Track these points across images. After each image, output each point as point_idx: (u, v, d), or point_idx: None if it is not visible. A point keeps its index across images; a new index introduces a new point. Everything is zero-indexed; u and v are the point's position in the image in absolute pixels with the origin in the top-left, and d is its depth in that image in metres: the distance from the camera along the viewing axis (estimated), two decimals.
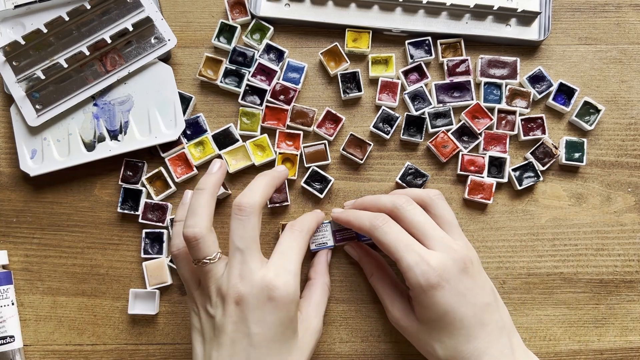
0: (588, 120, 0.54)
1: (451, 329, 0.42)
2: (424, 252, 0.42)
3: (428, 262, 0.42)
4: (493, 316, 0.43)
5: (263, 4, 0.57)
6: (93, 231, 0.54)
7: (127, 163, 0.54)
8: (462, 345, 0.42)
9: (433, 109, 0.54)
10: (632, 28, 0.57)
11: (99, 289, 0.53)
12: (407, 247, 0.42)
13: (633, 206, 0.54)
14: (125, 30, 0.54)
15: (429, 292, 0.41)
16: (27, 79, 0.53)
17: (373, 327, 0.52)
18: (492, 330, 0.42)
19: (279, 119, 0.54)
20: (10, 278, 0.53)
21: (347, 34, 0.56)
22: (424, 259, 0.42)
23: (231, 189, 0.55)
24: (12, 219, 0.54)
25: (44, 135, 0.54)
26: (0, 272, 0.52)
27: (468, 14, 0.56)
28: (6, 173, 0.55)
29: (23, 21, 0.55)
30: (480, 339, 0.42)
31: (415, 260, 0.42)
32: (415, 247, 0.43)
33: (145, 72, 0.55)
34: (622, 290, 0.53)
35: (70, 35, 0.54)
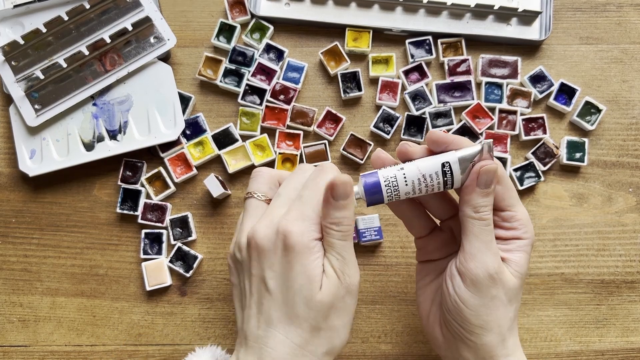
0: (589, 120, 0.54)
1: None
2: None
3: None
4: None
5: (263, 3, 0.57)
6: (92, 231, 0.54)
7: (126, 163, 0.54)
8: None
9: (434, 108, 0.54)
10: (634, 28, 0.57)
11: (98, 290, 0.53)
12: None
13: (634, 206, 0.54)
14: (124, 30, 0.54)
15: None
16: (26, 79, 0.53)
17: (373, 328, 0.52)
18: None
19: (278, 119, 0.54)
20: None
21: (348, 34, 0.55)
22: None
23: (231, 189, 0.54)
24: (11, 219, 0.54)
25: (43, 135, 0.54)
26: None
27: (469, 14, 0.56)
28: (5, 173, 0.55)
29: (22, 21, 0.55)
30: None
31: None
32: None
33: (144, 72, 0.55)
34: (624, 290, 0.52)
35: (70, 34, 0.54)
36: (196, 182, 0.55)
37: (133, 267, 0.53)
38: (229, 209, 0.54)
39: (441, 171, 0.37)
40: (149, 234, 0.53)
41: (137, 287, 0.53)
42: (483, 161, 0.37)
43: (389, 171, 0.38)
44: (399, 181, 0.37)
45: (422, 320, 0.43)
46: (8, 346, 0.52)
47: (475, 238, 0.37)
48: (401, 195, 0.38)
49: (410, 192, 0.38)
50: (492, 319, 0.38)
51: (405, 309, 0.52)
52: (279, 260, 0.36)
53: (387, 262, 0.53)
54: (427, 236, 0.43)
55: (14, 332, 0.52)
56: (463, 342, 0.38)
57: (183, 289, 0.53)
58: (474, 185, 0.37)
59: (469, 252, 0.37)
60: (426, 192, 0.38)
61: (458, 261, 0.38)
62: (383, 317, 0.52)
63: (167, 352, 0.52)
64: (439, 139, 0.38)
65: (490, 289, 0.37)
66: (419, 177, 0.37)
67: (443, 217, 0.43)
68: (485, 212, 0.37)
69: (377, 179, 0.37)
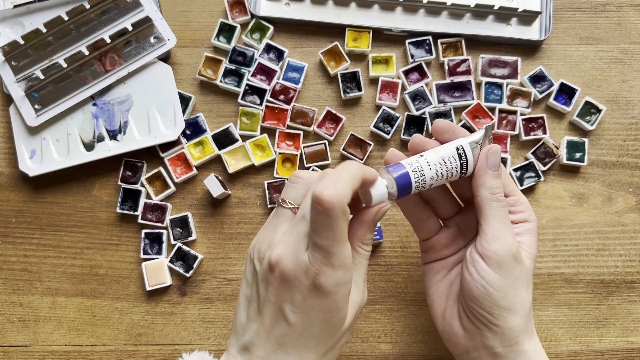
0: (589, 120, 0.54)
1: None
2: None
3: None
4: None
5: (263, 3, 0.57)
6: (92, 231, 0.54)
7: (126, 163, 0.54)
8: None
9: (434, 108, 0.54)
10: (633, 28, 0.57)
11: (99, 290, 0.53)
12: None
13: (634, 206, 0.54)
14: (124, 30, 0.54)
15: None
16: (26, 79, 0.53)
17: (373, 328, 0.52)
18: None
19: (278, 119, 0.54)
20: None
21: (347, 34, 0.55)
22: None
23: (231, 189, 0.54)
24: (11, 219, 0.54)
25: (43, 135, 0.54)
26: None
27: (469, 14, 0.56)
28: (5, 173, 0.55)
29: (22, 21, 0.55)
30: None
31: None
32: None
33: (144, 72, 0.55)
34: (623, 290, 0.52)
35: (70, 34, 0.54)
36: (196, 182, 0.55)
37: (133, 267, 0.53)
38: (229, 209, 0.54)
39: (457, 154, 0.38)
40: (149, 234, 0.53)
41: (137, 287, 0.53)
42: (487, 145, 0.39)
43: (411, 160, 0.38)
44: (424, 167, 0.37)
45: (436, 319, 0.43)
46: (8, 346, 0.52)
47: (495, 220, 0.38)
48: (426, 183, 0.38)
49: (434, 178, 0.38)
50: (518, 300, 0.38)
51: (405, 309, 0.52)
52: (304, 298, 0.34)
53: (387, 262, 0.53)
54: (435, 237, 0.43)
55: (14, 332, 0.52)
56: (489, 330, 0.38)
57: (183, 289, 0.53)
58: (485, 167, 0.39)
59: (491, 234, 0.38)
60: (446, 179, 0.39)
61: (480, 245, 0.38)
62: (383, 317, 0.52)
63: (167, 352, 0.52)
64: (445, 127, 0.40)
65: (514, 269, 0.38)
66: (440, 162, 0.38)
67: (449, 214, 0.44)
68: (500, 193, 0.39)
69: (405, 168, 0.37)
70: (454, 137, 0.40)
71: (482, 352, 0.39)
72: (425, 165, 0.38)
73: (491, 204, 0.38)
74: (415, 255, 0.53)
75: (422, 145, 0.40)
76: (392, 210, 0.54)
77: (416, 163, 0.38)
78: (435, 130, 0.41)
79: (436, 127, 0.41)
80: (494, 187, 0.39)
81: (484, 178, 0.39)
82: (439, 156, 0.38)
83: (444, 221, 0.44)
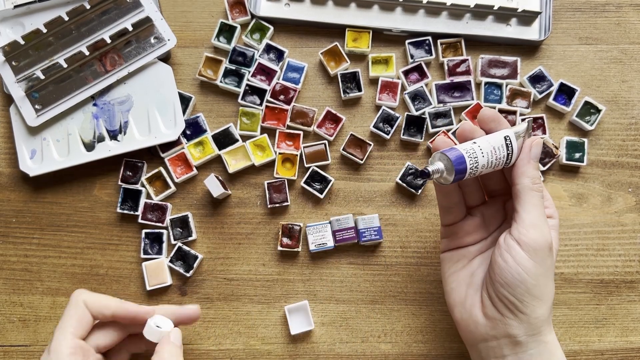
0: (589, 120, 0.54)
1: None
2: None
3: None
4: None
5: (263, 3, 0.57)
6: (92, 231, 0.54)
7: (126, 163, 0.54)
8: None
9: (433, 108, 0.54)
10: (633, 28, 0.57)
11: (99, 290, 0.53)
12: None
13: (634, 206, 0.54)
14: (124, 30, 0.54)
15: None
16: (26, 79, 0.53)
17: (373, 328, 0.52)
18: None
19: (279, 119, 0.54)
20: None
21: (347, 34, 0.56)
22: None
23: (231, 189, 0.55)
24: (12, 219, 0.54)
25: (43, 135, 0.54)
26: None
27: (468, 14, 0.56)
28: (5, 173, 0.55)
29: (22, 21, 0.55)
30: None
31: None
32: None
33: (144, 72, 0.55)
34: (623, 290, 0.52)
35: (70, 35, 0.54)
36: (196, 182, 0.55)
37: (133, 267, 0.54)
38: (229, 209, 0.54)
39: (505, 144, 0.39)
40: (149, 233, 0.53)
41: (138, 287, 0.53)
42: (531, 137, 0.41)
43: (466, 145, 0.39)
44: (477, 153, 0.38)
45: (454, 307, 0.43)
46: (8, 346, 0.52)
47: (534, 208, 0.39)
48: (478, 169, 0.38)
49: (485, 165, 0.39)
50: (548, 290, 0.39)
51: (404, 309, 0.52)
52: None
53: (387, 262, 0.53)
54: (460, 223, 0.45)
55: (14, 332, 0.52)
56: (515, 317, 0.39)
57: (183, 288, 0.53)
58: (528, 157, 0.40)
59: (530, 222, 0.39)
60: (493, 167, 0.40)
61: (517, 232, 0.39)
62: (383, 317, 0.52)
63: None
64: (493, 116, 0.41)
65: (548, 259, 0.39)
66: (491, 150, 0.39)
67: (476, 203, 0.45)
68: (540, 184, 0.40)
69: (460, 152, 0.38)
70: (499, 127, 0.41)
71: (503, 341, 0.40)
72: (478, 151, 0.38)
73: (532, 193, 0.40)
74: (415, 255, 0.53)
75: (471, 132, 0.41)
76: (392, 210, 0.54)
77: (471, 149, 0.38)
78: (482, 118, 0.42)
79: (483, 115, 0.42)
80: (535, 177, 0.40)
81: (526, 167, 0.40)
82: (490, 144, 0.39)
83: (469, 209, 0.45)
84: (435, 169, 0.38)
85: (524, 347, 0.40)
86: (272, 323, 0.52)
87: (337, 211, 0.54)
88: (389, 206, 0.54)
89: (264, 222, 0.54)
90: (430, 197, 0.54)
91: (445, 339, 0.52)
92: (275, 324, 0.52)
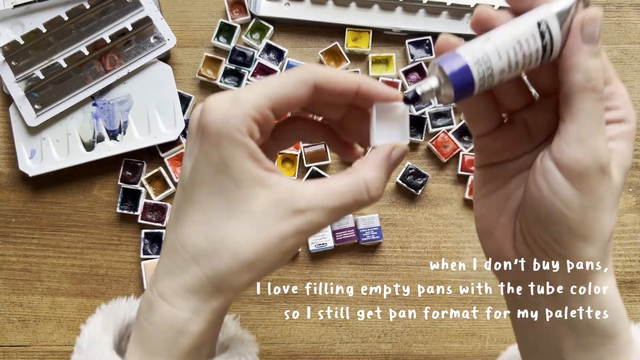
0: None
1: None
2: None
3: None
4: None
5: (263, 3, 0.57)
6: (92, 231, 0.54)
7: (126, 163, 0.54)
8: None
9: (434, 108, 0.54)
10: (633, 28, 0.57)
11: (99, 290, 0.53)
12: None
13: (634, 206, 0.54)
14: (124, 30, 0.54)
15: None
16: (26, 79, 0.53)
17: (373, 328, 0.52)
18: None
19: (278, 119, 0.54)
20: None
21: (347, 34, 0.55)
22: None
23: None
24: (11, 219, 0.54)
25: (43, 135, 0.54)
26: None
27: (468, 14, 0.56)
28: (5, 173, 0.55)
29: (22, 21, 0.55)
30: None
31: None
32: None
33: (144, 72, 0.55)
34: (623, 290, 0.52)
35: (70, 34, 0.54)
36: None
37: (133, 267, 0.53)
38: None
39: (538, 33, 0.27)
40: (149, 233, 0.53)
41: (137, 287, 0.53)
42: (583, 11, 0.27)
43: (472, 46, 0.27)
44: (492, 56, 0.27)
45: (483, 238, 0.34)
46: (8, 346, 0.52)
47: (586, 117, 0.27)
48: (495, 78, 0.28)
49: (506, 70, 0.27)
50: (599, 227, 0.28)
51: (404, 309, 0.52)
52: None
53: (387, 262, 0.53)
54: (494, 132, 0.33)
55: (14, 332, 0.52)
56: (551, 263, 0.29)
57: None
58: (579, 41, 0.27)
59: (576, 136, 0.27)
60: (522, 68, 0.28)
61: (558, 150, 0.28)
62: (383, 317, 0.52)
63: None
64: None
65: (600, 185, 0.28)
66: (514, 46, 0.27)
67: (516, 106, 0.33)
68: (598, 80, 0.27)
69: (463, 60, 0.27)
70: (535, 4, 0.28)
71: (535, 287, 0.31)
72: (493, 53, 0.27)
73: (584, 95, 0.27)
74: (415, 255, 0.53)
75: (489, 21, 0.29)
76: (392, 210, 0.54)
77: (480, 51, 0.27)
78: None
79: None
80: (591, 70, 0.27)
81: (577, 57, 0.27)
82: (513, 38, 0.27)
83: (509, 115, 0.33)
84: (427, 89, 0.28)
85: (563, 301, 0.30)
86: (272, 323, 0.52)
87: None
88: (389, 206, 0.54)
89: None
90: (431, 197, 0.54)
91: (445, 339, 0.52)
92: (275, 324, 0.52)
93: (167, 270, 0.28)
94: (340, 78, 0.29)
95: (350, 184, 0.28)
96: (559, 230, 0.28)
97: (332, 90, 0.29)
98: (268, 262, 0.27)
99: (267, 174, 0.27)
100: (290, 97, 0.28)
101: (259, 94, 0.27)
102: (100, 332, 0.31)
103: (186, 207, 0.28)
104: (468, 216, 0.54)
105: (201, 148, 0.28)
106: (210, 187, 0.27)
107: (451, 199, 0.54)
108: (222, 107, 0.28)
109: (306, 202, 0.27)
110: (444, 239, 0.53)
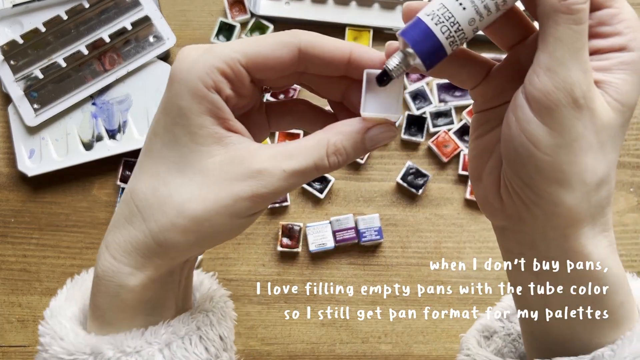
0: None
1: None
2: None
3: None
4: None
5: (263, 2, 0.57)
6: (91, 231, 0.54)
7: (125, 163, 0.54)
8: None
9: (434, 108, 0.54)
10: None
11: None
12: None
13: (635, 206, 0.54)
14: (124, 29, 0.53)
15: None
16: (25, 78, 0.53)
17: (373, 329, 0.52)
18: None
19: None
20: None
21: (348, 33, 0.55)
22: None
23: None
24: (10, 219, 0.54)
25: (42, 134, 0.54)
26: None
27: None
28: (4, 173, 0.55)
29: (21, 20, 0.55)
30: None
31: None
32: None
33: (144, 71, 0.54)
34: None
35: (69, 34, 0.54)
36: None
37: None
38: None
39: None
40: None
41: None
42: None
43: (432, 6, 0.25)
44: (454, 10, 0.24)
45: (473, 182, 0.31)
46: (7, 346, 0.52)
47: (557, 43, 0.24)
48: (466, 30, 0.25)
49: (476, 18, 0.25)
50: (576, 170, 0.25)
51: (405, 309, 0.52)
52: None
53: (387, 262, 0.53)
54: (484, 81, 0.30)
55: (13, 332, 0.52)
56: (527, 209, 0.26)
57: None
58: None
59: (545, 65, 0.24)
60: (497, 8, 0.25)
61: (528, 82, 0.25)
62: (383, 317, 0.52)
63: None
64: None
65: (574, 121, 0.24)
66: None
67: (511, 42, 0.30)
68: (577, 1, 0.23)
69: (424, 23, 0.24)
70: None
71: (519, 236, 0.28)
72: (454, 5, 0.24)
73: (555, 18, 0.23)
74: (415, 256, 0.53)
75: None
76: (392, 210, 0.54)
77: (440, 8, 0.24)
78: None
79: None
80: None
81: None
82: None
83: (508, 50, 0.31)
84: (395, 65, 0.25)
85: (543, 254, 0.27)
86: (272, 323, 0.52)
87: (337, 211, 0.54)
88: (389, 206, 0.54)
89: (263, 222, 0.54)
90: (431, 196, 0.54)
91: (445, 339, 0.52)
92: (275, 324, 0.52)
93: (117, 222, 0.27)
94: (329, 44, 0.27)
95: (312, 147, 0.26)
96: (529, 173, 0.25)
97: (320, 57, 0.27)
98: (216, 224, 0.25)
99: (226, 133, 0.25)
100: (267, 57, 0.26)
101: (232, 48, 0.26)
102: (63, 303, 0.30)
103: (142, 157, 0.27)
104: (469, 216, 0.53)
105: (163, 97, 0.26)
106: (164, 137, 0.26)
107: (452, 199, 0.54)
108: (190, 56, 0.27)
109: (263, 164, 0.25)
110: (445, 239, 0.53)
